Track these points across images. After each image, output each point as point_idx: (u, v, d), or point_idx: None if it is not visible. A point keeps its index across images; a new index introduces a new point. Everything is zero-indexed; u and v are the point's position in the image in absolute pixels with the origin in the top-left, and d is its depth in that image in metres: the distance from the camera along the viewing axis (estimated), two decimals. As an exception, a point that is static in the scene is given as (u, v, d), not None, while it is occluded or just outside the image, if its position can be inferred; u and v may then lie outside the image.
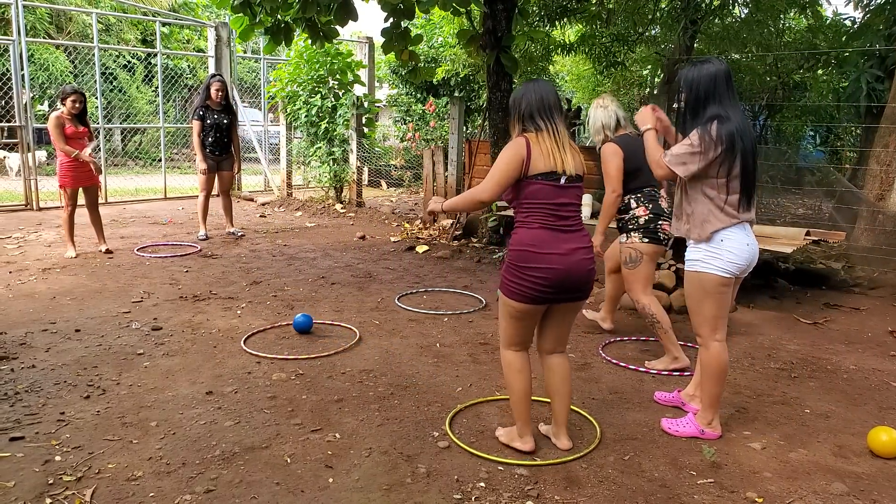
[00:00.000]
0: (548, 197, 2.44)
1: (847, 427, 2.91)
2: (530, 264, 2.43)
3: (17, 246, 6.06)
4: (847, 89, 6.93)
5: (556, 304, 2.54)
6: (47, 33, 13.29)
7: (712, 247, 2.63)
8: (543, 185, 2.43)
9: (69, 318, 4.07)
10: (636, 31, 7.77)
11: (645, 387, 3.32)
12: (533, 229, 2.46)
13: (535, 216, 2.46)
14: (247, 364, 3.45)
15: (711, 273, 2.64)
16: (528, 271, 2.43)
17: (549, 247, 2.43)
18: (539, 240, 2.44)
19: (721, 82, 2.59)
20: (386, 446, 2.63)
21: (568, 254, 2.44)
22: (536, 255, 2.42)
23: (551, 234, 2.44)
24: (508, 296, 2.50)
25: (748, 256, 2.66)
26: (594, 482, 2.42)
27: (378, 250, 6.52)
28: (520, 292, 2.45)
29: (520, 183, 2.45)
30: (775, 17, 7.43)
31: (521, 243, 2.47)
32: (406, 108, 12.88)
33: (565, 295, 2.49)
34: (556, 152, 2.45)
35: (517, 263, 2.47)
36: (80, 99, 5.49)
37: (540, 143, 2.45)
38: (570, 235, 2.47)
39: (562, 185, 2.45)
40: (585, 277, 2.49)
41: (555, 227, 2.45)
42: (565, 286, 2.45)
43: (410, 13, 5.78)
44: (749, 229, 2.69)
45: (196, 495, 2.26)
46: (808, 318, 4.53)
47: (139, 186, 10.21)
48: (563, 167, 2.44)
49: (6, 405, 2.88)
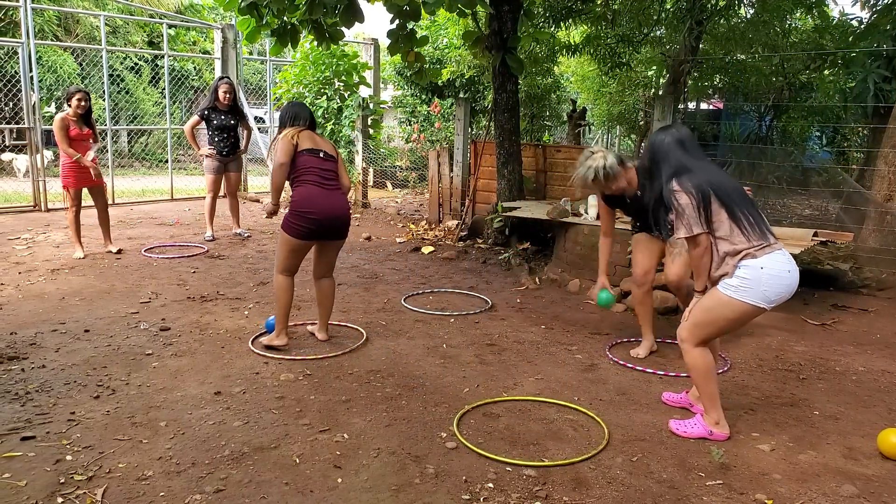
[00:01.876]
0: (315, 164, 3.51)
1: (856, 429, 2.90)
2: (305, 209, 3.45)
3: (26, 247, 6.10)
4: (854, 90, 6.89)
5: (323, 242, 3.62)
6: (55, 35, 13.36)
7: (751, 273, 2.53)
8: (310, 157, 3.50)
9: (78, 319, 4.10)
10: (641, 32, 7.75)
11: (652, 388, 3.31)
12: (307, 186, 3.49)
13: (307, 178, 3.49)
14: (254, 364, 3.47)
15: (744, 302, 2.55)
16: (305, 215, 3.45)
17: (318, 198, 3.47)
18: (311, 194, 3.47)
19: (673, 148, 2.66)
20: (394, 447, 2.63)
21: (329, 204, 3.50)
22: (309, 203, 3.45)
23: (319, 191, 3.49)
24: (289, 233, 3.51)
25: (788, 284, 2.56)
26: (602, 483, 2.42)
27: (384, 251, 6.53)
28: (297, 230, 3.48)
29: (294, 157, 3.49)
30: (781, 17, 7.40)
31: (300, 195, 3.48)
32: (411, 110, 12.89)
33: (329, 233, 3.57)
34: (315, 138, 3.59)
35: (297, 210, 3.47)
36: (84, 98, 5.52)
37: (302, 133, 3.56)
38: (330, 192, 3.53)
39: (322, 157, 3.54)
40: (342, 222, 3.58)
41: (321, 185, 3.51)
42: (327, 226, 3.52)
43: (416, 15, 5.78)
44: (788, 255, 2.60)
45: (206, 495, 2.27)
46: (815, 319, 4.52)
47: (146, 187, 10.25)
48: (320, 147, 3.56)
49: (17, 405, 2.90)
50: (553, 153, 7.27)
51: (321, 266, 3.78)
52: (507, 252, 6.19)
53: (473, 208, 7.53)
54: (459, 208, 7.76)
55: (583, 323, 4.39)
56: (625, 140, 16.85)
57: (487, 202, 7.30)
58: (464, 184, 7.79)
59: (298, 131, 3.56)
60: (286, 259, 3.60)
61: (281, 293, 3.64)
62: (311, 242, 3.60)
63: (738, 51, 7.79)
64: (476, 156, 7.47)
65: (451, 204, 7.94)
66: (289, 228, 3.52)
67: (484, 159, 7.35)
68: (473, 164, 7.56)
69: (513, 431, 2.80)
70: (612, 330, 4.23)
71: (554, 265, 5.61)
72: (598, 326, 4.31)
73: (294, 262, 3.63)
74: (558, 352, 3.81)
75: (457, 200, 7.86)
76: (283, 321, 3.67)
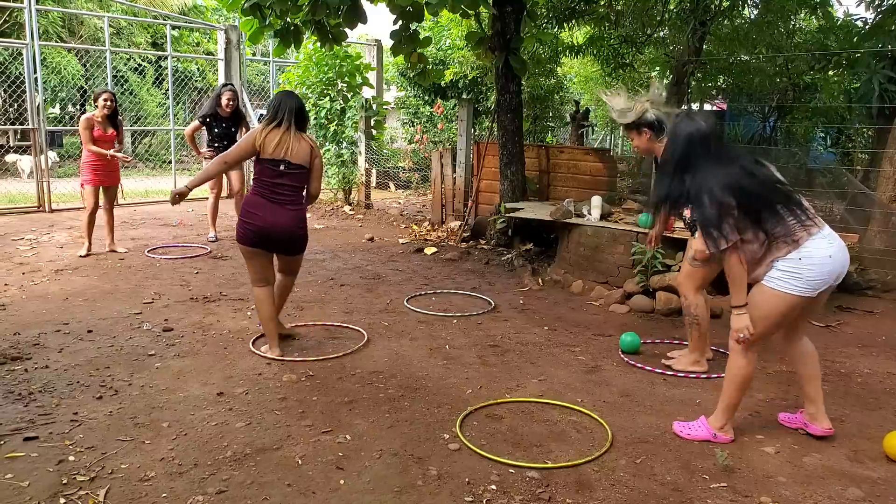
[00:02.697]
0: (269, 177, 3.40)
1: (862, 431, 2.88)
2: (247, 217, 3.41)
3: (30, 247, 6.12)
4: (859, 90, 6.86)
5: (278, 253, 3.57)
6: (60, 37, 13.41)
7: (790, 265, 2.48)
8: (267, 167, 3.39)
9: (81, 319, 4.10)
10: (645, 33, 7.74)
11: (657, 389, 3.30)
12: (255, 196, 3.43)
13: (259, 188, 3.43)
14: (257, 365, 3.46)
15: (789, 293, 2.48)
16: (245, 223, 3.42)
17: (261, 209, 3.40)
18: (256, 204, 3.41)
19: (696, 144, 2.51)
20: (397, 448, 2.62)
21: (272, 218, 3.40)
22: (250, 213, 3.41)
23: (265, 203, 3.41)
24: (237, 237, 3.50)
25: (831, 269, 2.48)
26: (606, 485, 2.40)
27: (386, 252, 6.52)
28: (241, 235, 3.45)
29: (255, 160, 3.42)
30: (786, 18, 7.37)
31: (247, 202, 3.45)
32: (414, 111, 12.90)
33: (273, 246, 3.49)
34: (284, 142, 3.38)
35: (241, 216, 3.46)
36: (111, 98, 5.69)
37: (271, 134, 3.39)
38: (277, 207, 3.41)
39: (281, 169, 3.39)
40: (287, 237, 3.46)
41: (269, 198, 3.42)
42: (268, 239, 3.43)
43: (419, 16, 5.78)
44: (830, 235, 2.51)
45: (208, 496, 2.27)
46: (820, 320, 4.50)
47: (149, 188, 10.27)
48: (285, 155, 3.38)
49: (20, 405, 2.90)
50: (556, 154, 7.26)
51: (281, 268, 3.70)
52: (509, 253, 6.18)
53: (476, 209, 7.52)
54: (462, 209, 7.75)
55: (586, 324, 4.38)
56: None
57: (490, 203, 7.29)
58: (466, 185, 7.78)
59: (268, 132, 3.37)
60: (248, 267, 3.58)
61: (258, 305, 3.59)
62: (259, 250, 3.48)
63: (741, 51, 7.76)
64: (479, 157, 7.47)
65: (454, 205, 7.94)
66: (237, 233, 3.51)
67: (487, 160, 7.34)
68: (476, 165, 7.55)
69: (516, 433, 2.79)
70: (615, 331, 4.22)
71: (557, 266, 5.60)
72: (602, 328, 4.30)
73: (256, 270, 3.52)
74: (561, 353, 3.80)
75: (459, 201, 7.86)
76: (270, 332, 3.57)
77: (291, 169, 3.40)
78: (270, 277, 3.58)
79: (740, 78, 8.29)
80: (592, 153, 7.15)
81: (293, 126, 3.41)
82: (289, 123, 3.39)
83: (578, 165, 7.00)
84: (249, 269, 3.57)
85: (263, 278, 3.55)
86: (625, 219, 5.31)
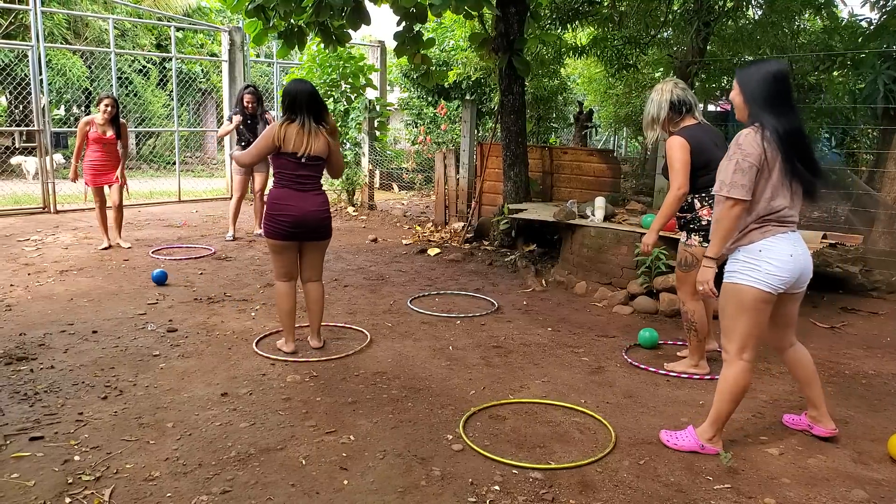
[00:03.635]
0: (292, 169, 3.47)
1: (866, 433, 2.87)
2: (278, 211, 3.46)
3: (35, 248, 6.14)
4: (864, 91, 6.84)
5: (303, 243, 3.58)
6: (65, 39, 13.46)
7: (750, 257, 2.46)
8: (289, 161, 3.46)
9: (86, 320, 4.12)
10: (648, 34, 7.72)
11: (660, 391, 3.29)
12: (282, 189, 3.49)
13: (283, 181, 3.50)
14: (261, 366, 3.47)
15: (749, 286, 2.45)
16: (277, 217, 3.46)
17: (290, 199, 3.47)
18: (285, 196, 3.48)
19: (774, 84, 2.42)
20: (400, 449, 2.63)
21: (303, 205, 3.47)
22: (280, 205, 3.46)
23: (293, 193, 3.48)
24: (267, 234, 3.53)
25: (792, 268, 2.44)
26: (609, 486, 2.40)
27: (390, 253, 6.53)
28: (272, 231, 3.48)
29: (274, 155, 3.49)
30: (790, 18, 7.36)
31: (274, 197, 3.49)
32: (417, 112, 12.91)
33: (306, 234, 3.53)
34: (303, 134, 3.45)
35: (271, 211, 3.49)
36: (111, 104, 5.85)
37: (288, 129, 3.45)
38: (304, 194, 3.50)
39: (303, 161, 3.47)
40: (317, 222, 3.54)
41: (296, 189, 3.49)
42: (301, 227, 3.48)
43: (423, 17, 5.79)
44: (795, 238, 2.49)
45: (212, 496, 2.28)
46: (824, 322, 4.48)
47: (153, 189, 10.31)
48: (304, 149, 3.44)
49: (26, 405, 2.92)
50: (559, 155, 7.26)
51: (306, 269, 3.70)
52: (513, 254, 6.18)
53: (479, 210, 7.52)
54: (465, 210, 7.75)
55: (590, 325, 4.37)
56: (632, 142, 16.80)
57: (493, 204, 7.29)
58: (470, 186, 7.78)
59: (286, 128, 3.43)
60: (274, 262, 3.63)
61: (279, 299, 3.64)
62: (291, 243, 3.56)
63: (745, 52, 7.75)
64: (482, 158, 7.47)
65: (458, 206, 7.94)
66: (266, 230, 3.54)
67: (490, 161, 7.35)
68: (479, 166, 7.55)
69: (519, 434, 2.80)
70: (618, 332, 4.22)
71: (560, 267, 5.60)
72: (605, 329, 4.30)
73: (283, 265, 3.59)
74: (565, 354, 3.80)
75: (463, 202, 7.86)
76: (288, 327, 3.64)
77: (311, 161, 3.51)
78: (294, 272, 3.66)
79: (744, 79, 8.26)
80: (596, 154, 7.14)
81: (309, 120, 3.47)
82: (304, 118, 3.46)
83: (582, 166, 7.00)
84: (276, 264, 3.61)
85: (288, 273, 3.62)
86: (628, 220, 5.31)
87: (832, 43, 7.54)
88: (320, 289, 3.75)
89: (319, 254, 3.71)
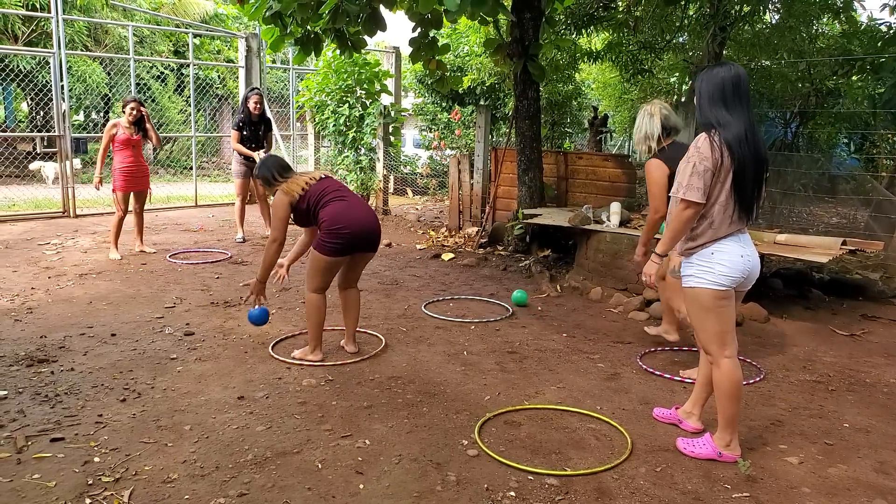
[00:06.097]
0: (322, 186, 3.52)
1: (889, 442, 2.83)
2: (338, 226, 3.41)
3: (55, 252, 6.24)
4: (883, 95, 6.76)
5: (355, 255, 3.58)
6: (85, 46, 13.68)
7: (703, 260, 2.54)
8: (318, 184, 3.51)
9: (105, 323, 4.17)
10: (664, 39, 7.70)
11: (676, 397, 3.27)
12: (332, 205, 3.45)
13: (328, 199, 3.49)
14: (277, 370, 3.50)
15: (705, 288, 2.53)
16: (339, 231, 3.40)
17: (346, 211, 3.45)
18: (339, 209, 3.44)
19: (728, 88, 2.48)
20: (415, 453, 2.63)
21: (360, 216, 3.48)
22: (340, 219, 3.41)
23: (344, 204, 3.48)
24: (325, 253, 3.44)
25: (743, 268, 2.53)
26: (625, 493, 2.39)
27: (404, 258, 6.55)
28: (333, 248, 3.42)
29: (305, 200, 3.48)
30: (808, 22, 7.29)
31: (329, 215, 3.43)
32: (432, 117, 12.95)
33: (366, 244, 3.56)
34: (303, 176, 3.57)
35: (330, 228, 3.41)
36: (136, 107, 5.94)
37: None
38: (354, 204, 3.52)
39: (331, 178, 3.60)
40: (375, 233, 3.57)
41: (342, 199, 3.50)
42: (361, 239, 3.50)
43: (438, 23, 5.82)
44: (745, 239, 2.57)
45: (230, 499, 2.29)
46: (844, 329, 4.42)
47: (171, 194, 10.43)
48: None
49: (47, 407, 2.96)
50: (574, 160, 7.24)
51: (350, 278, 3.74)
52: (527, 259, 6.17)
53: (494, 215, 7.52)
54: (480, 215, 7.75)
55: (605, 331, 4.35)
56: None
57: (508, 209, 7.28)
58: (484, 191, 7.79)
59: (287, 187, 3.47)
60: (321, 278, 3.52)
61: (314, 311, 3.58)
62: (346, 258, 3.54)
63: (763, 57, 7.69)
64: (496, 163, 7.47)
65: (472, 211, 7.95)
66: (323, 248, 3.44)
67: (504, 166, 7.35)
68: (494, 171, 7.55)
69: (534, 440, 2.79)
70: (634, 339, 4.19)
71: (575, 273, 5.58)
72: (621, 335, 4.27)
73: (329, 280, 3.57)
74: (580, 360, 3.78)
75: (477, 207, 7.86)
76: (318, 337, 3.63)
77: (323, 178, 3.58)
78: (330, 285, 3.65)
79: (761, 83, 8.21)
80: (611, 159, 7.12)
81: (280, 172, 3.55)
82: (284, 175, 3.55)
83: (597, 171, 6.98)
84: (320, 280, 3.51)
85: (327, 286, 3.60)
86: (644, 225, 5.27)
87: (851, 47, 7.46)
88: (358, 294, 3.84)
89: (365, 263, 3.79)
